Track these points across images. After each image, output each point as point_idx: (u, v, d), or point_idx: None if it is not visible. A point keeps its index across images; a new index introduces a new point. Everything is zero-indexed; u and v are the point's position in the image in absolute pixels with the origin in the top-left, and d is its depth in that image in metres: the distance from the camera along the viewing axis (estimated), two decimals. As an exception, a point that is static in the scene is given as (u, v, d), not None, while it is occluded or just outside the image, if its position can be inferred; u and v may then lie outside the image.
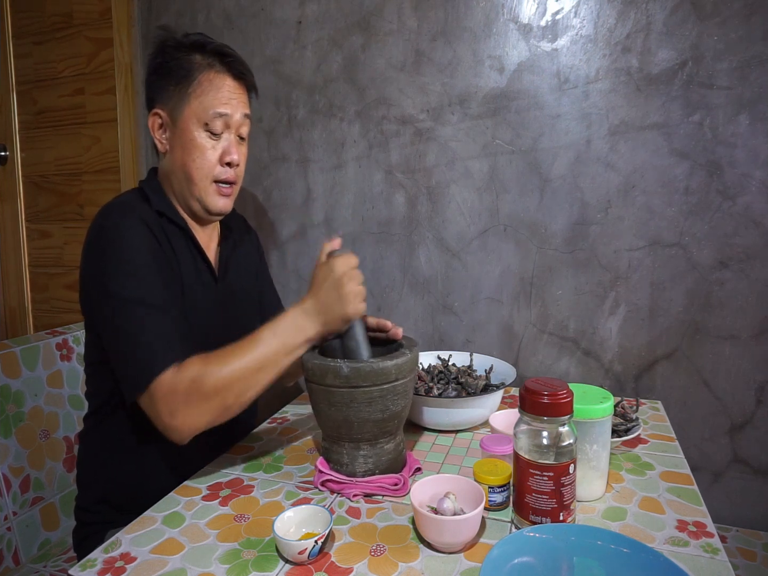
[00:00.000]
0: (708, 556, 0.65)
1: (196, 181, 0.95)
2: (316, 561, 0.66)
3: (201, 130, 0.94)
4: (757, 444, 1.21)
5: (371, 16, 1.40)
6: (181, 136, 0.95)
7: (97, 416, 0.98)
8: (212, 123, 0.94)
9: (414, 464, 0.88)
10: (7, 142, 1.87)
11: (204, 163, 0.95)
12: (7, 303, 1.95)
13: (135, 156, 1.69)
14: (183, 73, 0.94)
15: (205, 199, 0.97)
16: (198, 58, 0.95)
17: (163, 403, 0.79)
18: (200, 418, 0.80)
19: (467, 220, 1.37)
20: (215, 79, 0.95)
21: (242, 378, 0.80)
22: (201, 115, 0.94)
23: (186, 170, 0.95)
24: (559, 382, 0.69)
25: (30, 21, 1.80)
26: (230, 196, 1.00)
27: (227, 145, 0.96)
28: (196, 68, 0.94)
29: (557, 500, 0.67)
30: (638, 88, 1.21)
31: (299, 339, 0.83)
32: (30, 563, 1.14)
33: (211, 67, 0.95)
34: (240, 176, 1.01)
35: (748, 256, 1.18)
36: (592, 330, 1.30)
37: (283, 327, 0.82)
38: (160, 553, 0.68)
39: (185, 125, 0.94)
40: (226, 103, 0.94)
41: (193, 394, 0.78)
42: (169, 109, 0.96)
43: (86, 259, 0.90)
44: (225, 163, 0.96)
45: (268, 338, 0.81)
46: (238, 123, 0.97)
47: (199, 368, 0.79)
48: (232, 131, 0.97)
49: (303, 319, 0.83)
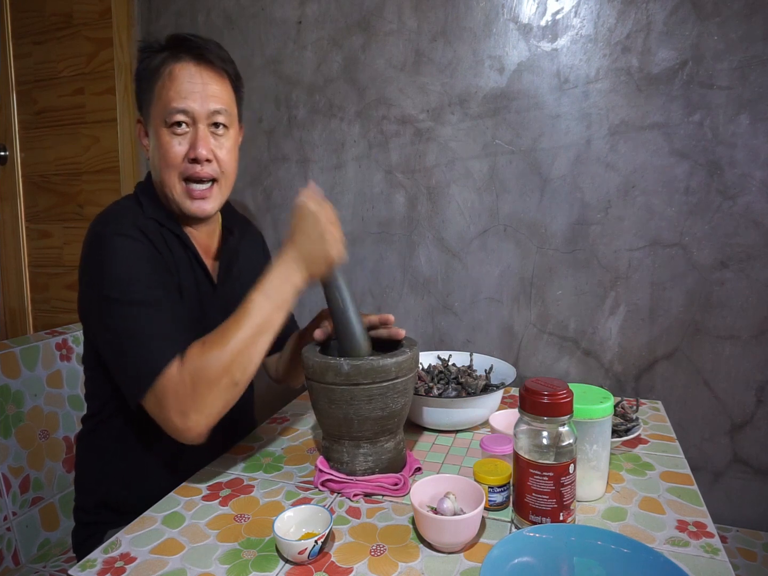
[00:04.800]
0: (708, 556, 0.65)
1: (166, 182, 0.91)
2: (316, 561, 0.66)
3: (164, 127, 0.90)
4: (757, 444, 1.21)
5: (371, 16, 1.40)
6: (154, 139, 0.92)
7: (96, 419, 0.97)
8: (170, 118, 0.89)
9: (414, 464, 0.88)
10: (7, 142, 1.87)
11: (169, 161, 0.90)
12: (7, 303, 1.95)
13: (135, 156, 1.69)
14: (149, 73, 0.91)
15: (179, 201, 0.93)
16: (164, 54, 0.91)
17: (173, 401, 0.76)
18: (213, 407, 0.77)
19: (467, 220, 1.37)
20: (175, 70, 0.89)
21: (244, 350, 0.77)
22: (161, 112, 0.90)
23: (159, 173, 0.92)
24: (559, 382, 0.69)
25: (30, 21, 1.80)
26: (206, 198, 0.93)
27: (193, 140, 0.90)
28: (160, 64, 0.90)
29: (557, 500, 0.67)
30: (638, 88, 1.21)
31: (289, 292, 0.81)
32: (30, 563, 1.14)
33: (174, 58, 0.90)
34: (223, 172, 0.94)
35: (748, 256, 1.17)
36: (592, 330, 1.30)
37: (271, 286, 0.80)
38: (160, 554, 0.68)
39: (154, 128, 0.91)
40: (185, 97, 0.88)
41: (201, 384, 0.75)
42: (144, 113, 0.94)
43: (83, 269, 0.88)
44: (191, 159, 0.90)
45: (259, 301, 0.79)
46: (207, 113, 0.90)
47: (200, 355, 0.76)
48: (202, 124, 0.90)
49: (288, 271, 0.81)
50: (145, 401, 0.79)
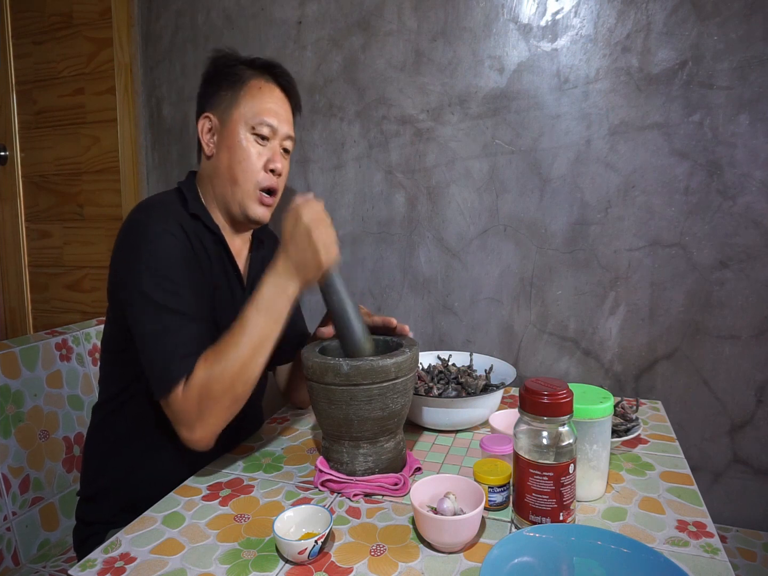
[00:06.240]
0: (708, 556, 0.65)
1: (241, 183, 0.97)
2: (316, 561, 0.66)
3: (248, 133, 0.96)
4: (757, 444, 1.21)
5: (371, 16, 1.40)
6: (229, 138, 0.97)
7: (112, 404, 0.98)
8: (259, 128, 0.96)
9: (414, 464, 0.88)
10: (7, 142, 1.87)
11: (249, 167, 0.96)
12: (7, 303, 1.95)
13: (135, 156, 1.69)
14: (234, 78, 0.99)
15: (247, 204, 0.98)
16: (249, 69, 1.00)
17: (180, 416, 0.81)
18: (217, 421, 0.81)
19: (467, 220, 1.37)
20: (264, 87, 0.99)
21: (244, 365, 0.80)
22: (249, 118, 0.96)
23: (231, 173, 0.96)
24: (559, 382, 0.69)
25: (30, 21, 1.80)
26: (270, 206, 1.01)
27: (272, 153, 0.98)
28: (247, 75, 0.99)
29: (557, 500, 0.67)
30: (638, 88, 1.21)
31: (283, 304, 0.83)
32: (29, 563, 1.13)
33: (261, 75, 1.00)
34: (281, 187, 1.02)
35: (748, 256, 1.17)
36: (592, 330, 1.30)
37: (264, 299, 0.82)
38: (160, 554, 0.68)
39: (234, 127, 0.96)
40: (274, 115, 0.98)
41: (205, 401, 0.79)
42: (220, 112, 0.98)
43: (119, 252, 0.90)
44: (269, 170, 0.98)
45: (254, 316, 0.81)
46: (284, 136, 1.00)
47: (203, 374, 0.79)
48: (277, 141, 0.99)
49: (280, 281, 0.83)
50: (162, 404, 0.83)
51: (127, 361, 0.91)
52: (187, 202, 0.96)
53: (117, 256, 0.91)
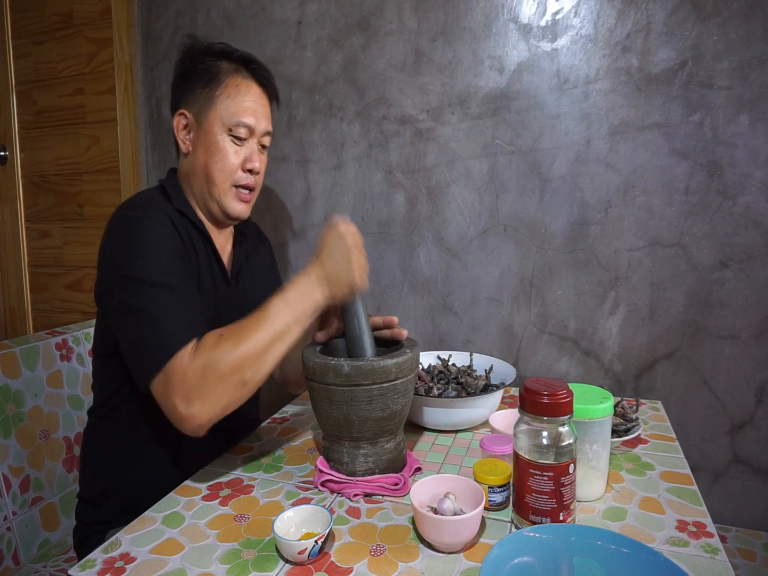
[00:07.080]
0: (708, 556, 0.65)
1: (217, 183, 0.97)
2: (316, 561, 0.66)
3: (225, 134, 0.96)
4: (757, 444, 1.21)
5: (371, 16, 1.40)
6: (205, 138, 0.96)
7: (105, 407, 0.98)
8: (236, 129, 0.96)
9: (414, 464, 0.88)
10: (7, 142, 1.87)
11: (225, 167, 0.96)
12: (7, 303, 1.95)
13: (135, 156, 1.69)
14: (210, 76, 0.97)
15: (224, 201, 0.98)
16: (225, 63, 0.98)
17: (179, 385, 0.76)
18: (218, 400, 0.77)
19: (467, 220, 1.37)
20: (241, 84, 0.98)
21: (258, 352, 0.78)
22: (226, 119, 0.96)
23: (207, 172, 0.97)
24: (558, 382, 0.69)
25: (30, 21, 1.80)
26: (248, 202, 1.02)
27: (250, 152, 0.98)
28: (223, 72, 0.97)
29: (557, 500, 0.67)
30: (638, 88, 1.21)
31: (309, 306, 0.82)
32: (30, 563, 1.14)
33: (237, 72, 0.98)
34: (259, 184, 1.03)
35: (748, 256, 1.18)
36: (592, 330, 1.30)
37: (293, 296, 0.82)
38: (160, 554, 0.68)
39: (210, 128, 0.96)
40: (251, 113, 0.97)
41: (210, 375, 0.75)
42: (195, 110, 0.98)
43: (106, 250, 0.89)
44: (246, 170, 0.98)
45: (279, 310, 0.80)
46: (261, 133, 1.00)
47: (215, 347, 0.77)
48: (255, 139, 0.99)
49: (311, 286, 0.83)
50: (153, 384, 0.79)
51: (118, 363, 0.89)
52: (171, 199, 0.97)
53: (102, 253, 0.90)
